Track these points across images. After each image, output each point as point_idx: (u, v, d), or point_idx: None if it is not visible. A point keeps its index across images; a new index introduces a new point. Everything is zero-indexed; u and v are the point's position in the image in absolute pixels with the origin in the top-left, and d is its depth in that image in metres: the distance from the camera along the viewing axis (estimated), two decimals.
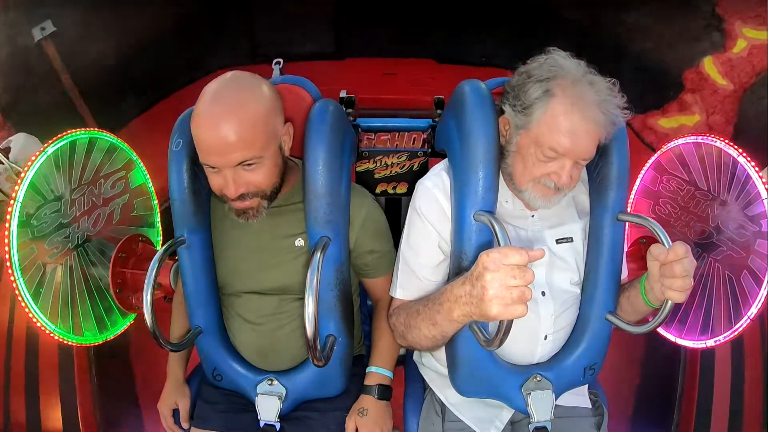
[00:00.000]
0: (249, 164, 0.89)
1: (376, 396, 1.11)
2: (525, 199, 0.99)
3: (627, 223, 1.04)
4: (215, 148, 0.86)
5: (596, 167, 1.03)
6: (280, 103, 0.96)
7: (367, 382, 1.13)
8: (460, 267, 0.95)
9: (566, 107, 0.86)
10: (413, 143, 1.44)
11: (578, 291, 1.05)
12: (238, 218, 0.98)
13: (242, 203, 0.94)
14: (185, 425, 1.19)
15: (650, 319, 0.96)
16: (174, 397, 1.19)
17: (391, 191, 1.63)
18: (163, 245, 1.49)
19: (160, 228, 1.52)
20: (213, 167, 0.89)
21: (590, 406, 1.13)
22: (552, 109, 0.87)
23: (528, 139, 0.91)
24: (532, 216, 1.03)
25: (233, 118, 0.85)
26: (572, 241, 1.04)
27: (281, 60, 1.58)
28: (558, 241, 1.03)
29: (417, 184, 1.05)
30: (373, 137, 1.42)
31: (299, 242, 1.06)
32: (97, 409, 1.47)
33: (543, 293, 1.01)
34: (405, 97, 1.96)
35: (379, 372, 1.13)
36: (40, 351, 1.41)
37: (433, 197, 1.01)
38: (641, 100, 1.72)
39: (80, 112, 1.65)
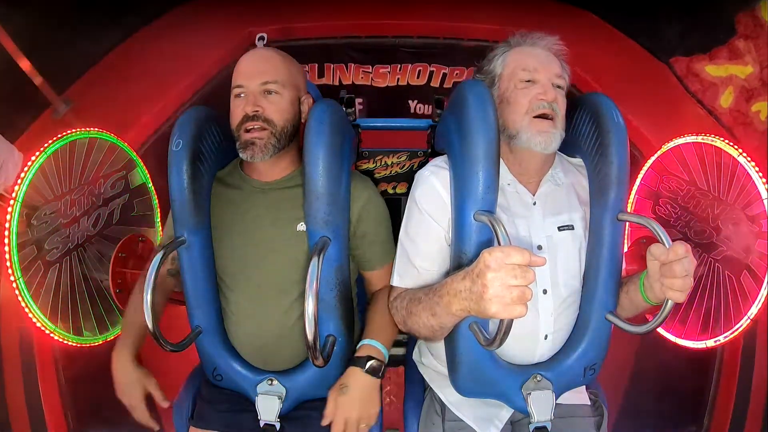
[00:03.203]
0: (269, 91, 1.04)
1: (364, 369, 0.98)
2: (525, 146, 1.00)
3: (627, 223, 1.04)
4: (249, 66, 1.05)
5: (596, 167, 1.03)
6: (304, 75, 1.15)
7: (357, 354, 1.04)
8: (460, 266, 0.95)
9: (520, 51, 1.05)
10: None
11: (579, 287, 1.05)
12: (244, 153, 1.04)
13: (251, 133, 1.03)
14: (165, 405, 1.08)
15: (649, 318, 0.96)
16: (141, 382, 1.06)
17: (391, 191, 1.63)
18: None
19: (160, 228, 1.53)
20: (241, 86, 1.04)
21: (589, 404, 1.14)
22: (511, 56, 1.05)
23: (504, 82, 1.04)
24: (534, 204, 1.04)
25: (269, 53, 1.09)
26: (573, 228, 1.05)
27: (265, 35, 1.56)
28: (560, 229, 1.04)
29: (416, 175, 1.07)
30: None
31: (301, 227, 1.07)
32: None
33: (545, 291, 1.01)
34: None
35: (371, 344, 1.02)
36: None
37: (431, 186, 1.01)
38: (684, 39, 1.56)
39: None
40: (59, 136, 1.19)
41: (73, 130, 1.22)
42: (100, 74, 1.64)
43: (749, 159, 1.14)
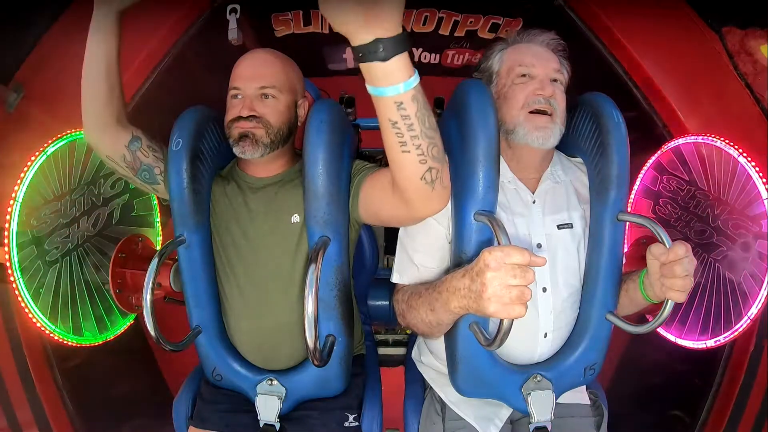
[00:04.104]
0: (266, 95, 1.05)
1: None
2: (522, 142, 1.01)
3: (627, 223, 1.04)
4: (246, 70, 1.05)
5: (596, 166, 1.03)
6: (302, 78, 1.15)
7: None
8: (459, 265, 0.94)
9: (518, 48, 1.06)
10: None
11: (579, 286, 1.05)
12: (238, 145, 1.04)
13: (247, 124, 1.03)
14: None
15: (649, 318, 0.96)
16: None
17: None
18: (163, 245, 1.50)
19: (160, 228, 1.53)
20: (238, 89, 1.05)
21: (588, 403, 1.14)
22: (508, 53, 1.06)
23: (501, 78, 1.05)
24: (533, 202, 1.05)
25: (268, 55, 1.09)
26: (572, 227, 1.05)
27: (237, 7, 1.35)
28: (559, 227, 1.04)
29: None
30: None
31: (295, 218, 1.07)
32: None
33: (544, 289, 1.01)
34: None
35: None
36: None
37: None
38: (740, 10, 1.36)
39: None
40: (59, 136, 1.19)
41: (73, 131, 1.22)
42: (45, 54, 1.37)
43: (749, 159, 1.14)
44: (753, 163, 1.14)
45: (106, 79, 1.00)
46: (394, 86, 0.66)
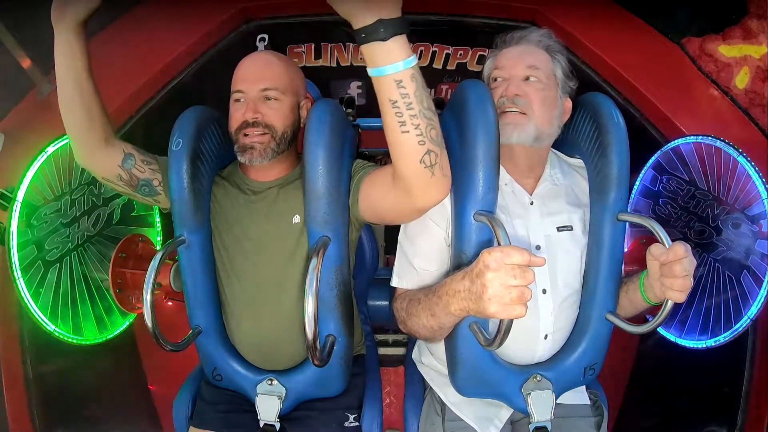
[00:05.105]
0: (269, 97, 1.04)
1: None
2: (502, 141, 1.00)
3: (627, 223, 1.04)
4: (249, 72, 1.05)
5: (596, 167, 1.03)
6: (304, 79, 1.14)
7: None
8: (459, 266, 0.95)
9: (501, 52, 1.08)
10: None
11: (578, 287, 1.05)
12: (242, 156, 1.04)
13: (252, 135, 1.03)
14: None
15: (649, 318, 0.96)
16: None
17: None
18: (163, 245, 1.50)
19: (160, 228, 1.53)
20: (241, 92, 1.04)
21: (588, 403, 1.14)
22: (493, 59, 1.09)
23: (488, 85, 1.06)
24: (531, 204, 1.04)
25: (270, 57, 1.08)
26: (572, 229, 1.05)
27: (266, 37, 1.50)
28: (559, 229, 1.04)
29: None
30: None
31: (296, 219, 1.07)
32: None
33: (544, 291, 1.01)
34: None
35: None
36: None
37: None
38: (696, 19, 1.54)
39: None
40: (59, 136, 1.19)
41: None
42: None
43: (749, 159, 1.14)
44: (752, 163, 1.14)
45: (80, 102, 0.97)
46: (393, 64, 0.70)
